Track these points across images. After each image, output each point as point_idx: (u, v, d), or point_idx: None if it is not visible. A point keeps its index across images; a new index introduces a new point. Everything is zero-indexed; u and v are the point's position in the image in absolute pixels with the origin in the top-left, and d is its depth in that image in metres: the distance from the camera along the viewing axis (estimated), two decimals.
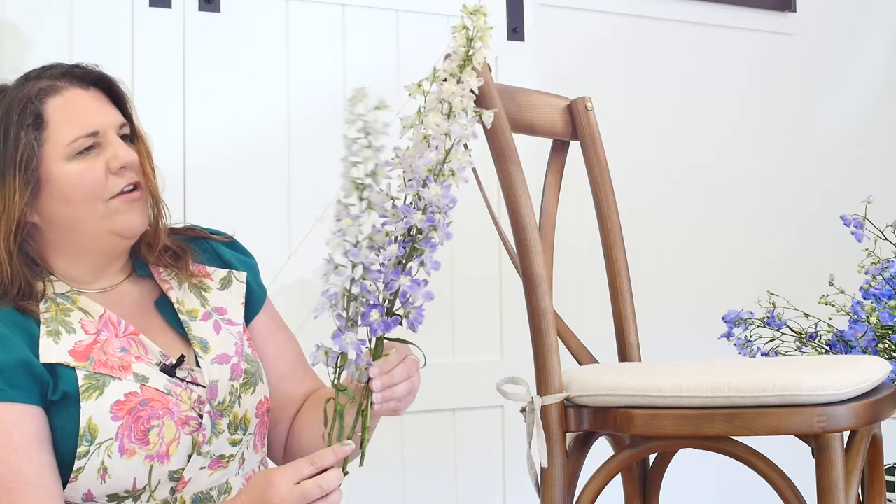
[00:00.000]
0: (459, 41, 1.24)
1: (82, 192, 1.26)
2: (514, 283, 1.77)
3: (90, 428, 1.21)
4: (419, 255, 1.18)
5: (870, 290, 1.76)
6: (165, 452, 1.25)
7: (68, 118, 1.26)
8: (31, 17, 1.95)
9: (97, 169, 1.26)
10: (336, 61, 2.20)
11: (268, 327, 1.47)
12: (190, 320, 1.36)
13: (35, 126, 1.25)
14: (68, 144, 1.25)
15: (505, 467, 2.31)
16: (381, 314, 1.18)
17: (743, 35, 2.73)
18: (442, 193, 1.17)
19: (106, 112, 1.30)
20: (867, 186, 2.11)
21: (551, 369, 1.35)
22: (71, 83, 1.29)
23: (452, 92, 1.20)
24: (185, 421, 1.27)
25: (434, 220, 1.17)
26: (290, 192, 2.15)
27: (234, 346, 1.36)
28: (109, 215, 1.28)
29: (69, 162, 1.25)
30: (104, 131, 1.28)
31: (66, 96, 1.28)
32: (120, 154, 1.27)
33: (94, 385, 1.22)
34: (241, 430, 1.33)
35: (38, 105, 1.25)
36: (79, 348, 1.24)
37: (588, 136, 1.64)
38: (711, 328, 1.91)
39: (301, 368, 1.49)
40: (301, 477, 1.17)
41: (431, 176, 1.18)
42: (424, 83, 1.23)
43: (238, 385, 1.34)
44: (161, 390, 1.26)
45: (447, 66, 1.23)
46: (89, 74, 1.32)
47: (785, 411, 1.21)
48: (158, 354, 1.30)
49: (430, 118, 1.20)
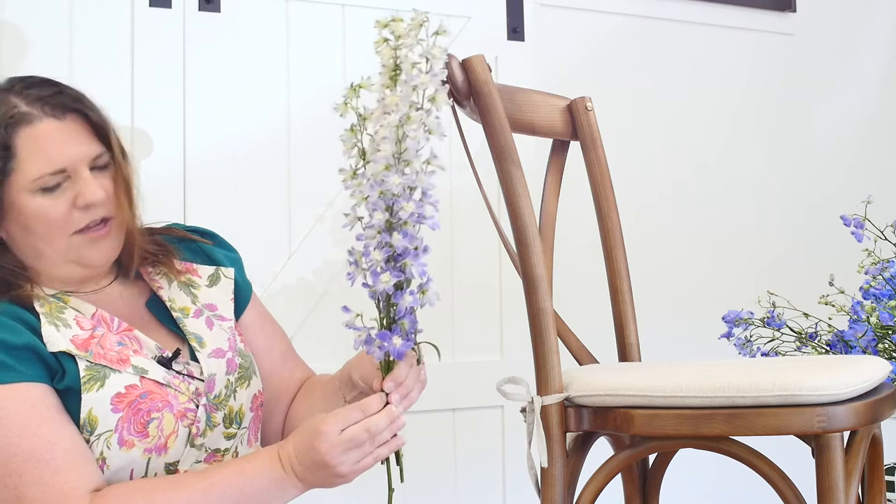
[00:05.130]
0: (386, 54, 1.22)
1: (45, 226, 1.24)
2: (514, 283, 1.77)
3: (90, 419, 1.22)
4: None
5: (870, 290, 1.76)
6: (164, 445, 1.26)
7: (36, 152, 1.22)
8: (31, 17, 1.95)
9: (61, 205, 1.24)
10: (336, 61, 2.20)
11: (257, 321, 1.49)
12: (183, 317, 1.37)
13: (2, 156, 1.22)
14: (34, 180, 1.22)
15: (505, 467, 2.31)
16: (403, 338, 1.21)
17: (743, 35, 2.73)
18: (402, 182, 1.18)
19: (77, 144, 1.25)
20: (867, 186, 2.11)
21: (551, 369, 1.35)
22: (44, 112, 1.23)
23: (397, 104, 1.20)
24: (183, 413, 1.28)
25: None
26: (290, 192, 2.15)
27: (227, 342, 1.37)
28: (72, 249, 1.27)
29: (34, 195, 1.23)
30: (73, 167, 1.24)
31: (38, 128, 1.22)
32: (86, 192, 1.24)
33: (95, 377, 1.23)
34: (236, 424, 1.34)
35: (7, 134, 1.22)
36: (77, 341, 1.25)
37: (588, 136, 1.64)
38: (711, 328, 1.91)
39: (291, 359, 1.52)
40: (349, 423, 1.18)
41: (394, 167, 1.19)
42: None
43: (233, 379, 1.35)
44: (160, 382, 1.27)
45: (381, 80, 1.22)
46: (66, 103, 1.26)
47: (785, 411, 1.21)
48: (154, 348, 1.31)
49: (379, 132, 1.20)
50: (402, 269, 1.19)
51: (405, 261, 1.19)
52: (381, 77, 1.22)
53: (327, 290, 2.14)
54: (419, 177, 1.19)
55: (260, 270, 1.51)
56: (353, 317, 1.22)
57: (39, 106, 1.24)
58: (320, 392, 1.44)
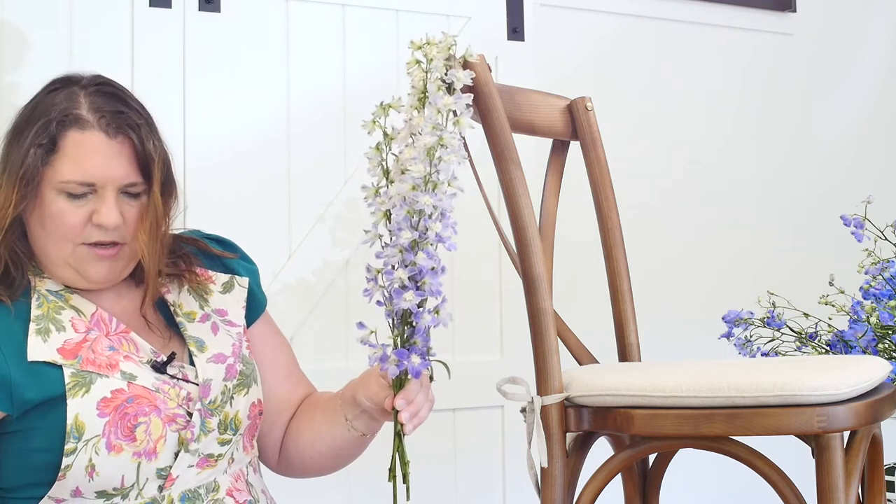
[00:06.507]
0: (417, 76, 1.24)
1: (57, 227, 1.25)
2: (514, 283, 1.77)
3: (77, 425, 1.21)
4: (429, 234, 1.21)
5: (870, 290, 1.75)
6: (153, 449, 1.25)
7: (76, 157, 1.24)
8: (31, 17, 1.95)
9: (79, 214, 1.25)
10: (336, 61, 2.20)
11: (266, 332, 1.49)
12: (187, 322, 1.37)
13: (46, 148, 1.23)
14: (62, 182, 1.24)
15: (505, 467, 2.31)
16: (421, 358, 1.22)
17: (743, 35, 2.73)
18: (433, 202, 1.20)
19: (116, 167, 1.25)
20: (867, 186, 2.11)
21: (551, 369, 1.35)
22: (99, 124, 1.24)
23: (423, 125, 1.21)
24: (172, 418, 1.27)
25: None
26: (290, 192, 2.15)
27: (231, 347, 1.37)
28: (75, 258, 1.27)
29: (58, 195, 1.25)
30: (102, 185, 1.25)
31: (86, 135, 1.24)
32: (102, 212, 1.24)
33: (80, 382, 1.23)
34: (231, 431, 1.33)
35: (57, 130, 1.23)
36: (68, 346, 1.25)
37: (588, 136, 1.64)
38: (711, 328, 1.91)
39: (296, 373, 1.52)
40: None
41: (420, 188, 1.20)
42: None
43: (231, 385, 1.34)
44: (148, 388, 1.27)
45: (410, 101, 1.24)
46: (122, 123, 1.26)
47: (785, 411, 1.21)
48: (149, 352, 1.31)
49: (404, 153, 1.22)
50: (422, 288, 1.20)
51: (424, 279, 1.20)
52: (409, 98, 1.24)
53: (327, 290, 2.14)
54: (444, 198, 1.19)
55: (260, 270, 1.51)
56: (367, 333, 1.23)
57: (98, 116, 1.25)
58: (321, 410, 1.44)
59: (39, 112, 1.26)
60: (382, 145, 1.24)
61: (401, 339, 1.22)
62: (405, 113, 1.25)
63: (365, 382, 1.34)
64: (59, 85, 1.29)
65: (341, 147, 2.19)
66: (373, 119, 1.25)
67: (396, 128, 1.26)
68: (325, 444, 1.43)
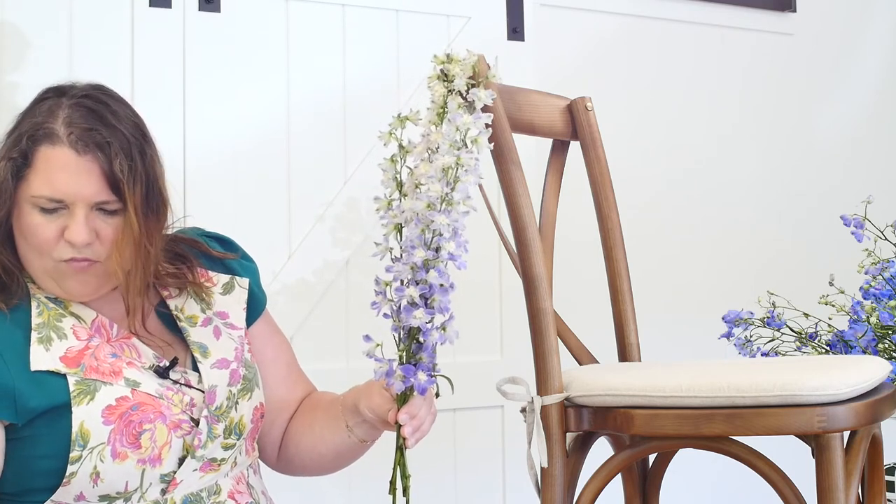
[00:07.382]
0: (438, 91, 1.23)
1: (35, 240, 1.24)
2: (514, 283, 1.77)
3: (82, 433, 1.21)
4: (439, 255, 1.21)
5: (870, 290, 1.76)
6: (157, 456, 1.25)
7: (45, 172, 1.21)
8: (31, 17, 1.95)
9: (51, 229, 1.22)
10: (336, 61, 2.20)
11: (266, 331, 1.49)
12: (189, 326, 1.36)
13: (17, 163, 1.22)
14: (34, 196, 1.22)
15: (505, 467, 2.31)
16: (427, 375, 1.22)
17: (743, 35, 2.73)
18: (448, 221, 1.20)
19: (85, 185, 1.21)
20: (867, 186, 2.11)
21: (551, 369, 1.35)
22: (69, 139, 1.20)
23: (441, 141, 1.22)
24: (176, 424, 1.27)
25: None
26: (290, 192, 2.14)
27: (233, 351, 1.37)
28: (56, 272, 1.25)
29: (33, 209, 1.23)
30: (72, 202, 1.21)
31: (56, 151, 1.20)
32: (72, 230, 1.21)
33: (85, 390, 1.22)
34: (236, 435, 1.33)
35: (29, 145, 1.21)
36: (70, 354, 1.24)
37: (588, 136, 1.64)
38: (711, 328, 1.91)
39: (296, 372, 1.51)
40: None
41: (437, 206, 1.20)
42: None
43: (236, 391, 1.34)
44: (152, 394, 1.26)
45: (428, 116, 1.24)
46: (91, 141, 1.21)
47: (785, 411, 1.21)
48: (152, 357, 1.30)
49: (420, 168, 1.22)
50: (431, 306, 1.20)
51: (434, 297, 1.20)
52: (428, 112, 1.23)
53: (327, 290, 2.14)
54: (459, 217, 1.20)
55: (260, 270, 1.51)
56: (373, 346, 1.23)
57: (69, 131, 1.21)
58: (322, 412, 1.44)
59: (22, 123, 1.24)
60: (398, 157, 1.24)
61: (407, 354, 1.22)
62: (422, 126, 1.25)
63: (368, 393, 1.33)
64: (49, 95, 1.26)
65: (341, 147, 2.19)
66: (389, 131, 1.25)
67: (412, 140, 1.26)
68: (326, 447, 1.43)
